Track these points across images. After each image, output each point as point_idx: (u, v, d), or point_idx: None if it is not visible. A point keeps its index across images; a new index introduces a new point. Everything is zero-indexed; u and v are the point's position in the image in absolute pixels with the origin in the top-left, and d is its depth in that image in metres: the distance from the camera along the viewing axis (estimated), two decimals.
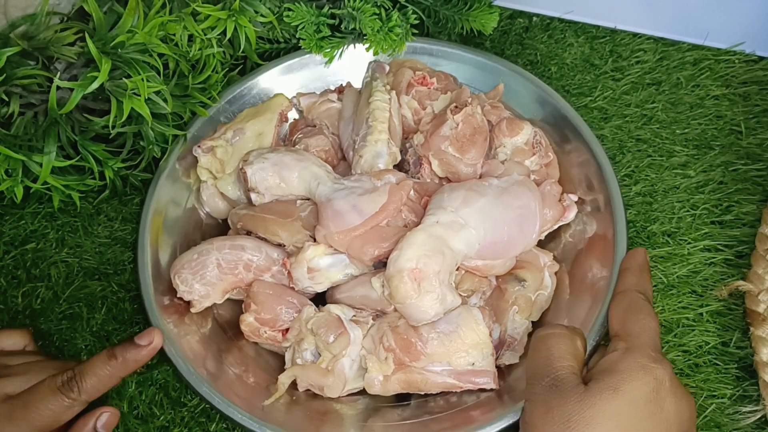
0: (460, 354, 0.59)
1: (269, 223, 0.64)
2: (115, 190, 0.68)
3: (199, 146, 0.69)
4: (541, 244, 0.66)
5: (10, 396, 0.55)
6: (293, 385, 0.61)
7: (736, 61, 0.78)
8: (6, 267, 0.68)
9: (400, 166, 0.70)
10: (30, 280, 0.68)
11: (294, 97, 0.75)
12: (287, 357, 0.63)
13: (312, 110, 0.74)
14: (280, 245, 0.65)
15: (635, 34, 0.81)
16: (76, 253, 0.69)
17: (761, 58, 0.78)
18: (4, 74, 0.57)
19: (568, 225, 0.67)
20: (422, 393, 0.60)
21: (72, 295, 0.67)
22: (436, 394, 0.60)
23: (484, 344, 0.59)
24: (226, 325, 0.66)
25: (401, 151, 0.69)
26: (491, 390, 0.59)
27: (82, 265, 0.68)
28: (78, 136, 0.62)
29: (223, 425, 0.61)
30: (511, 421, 0.56)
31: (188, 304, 0.64)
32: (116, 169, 0.66)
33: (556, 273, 0.65)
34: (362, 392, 0.61)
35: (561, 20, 0.83)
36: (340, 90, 0.76)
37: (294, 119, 0.76)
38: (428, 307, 0.58)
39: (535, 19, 0.84)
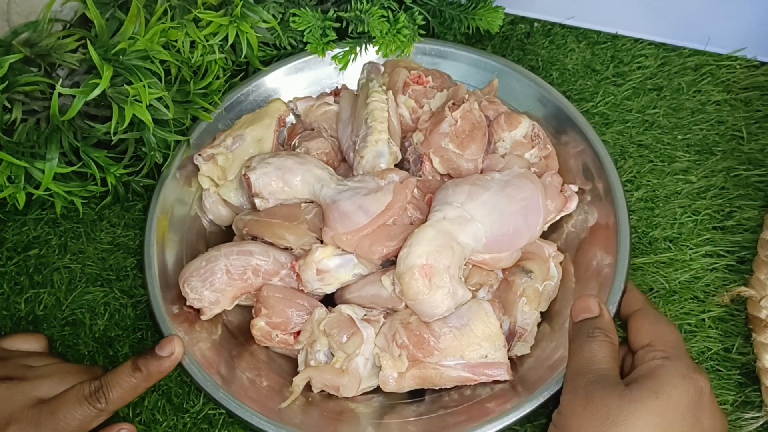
0: (472, 347, 0.59)
1: (275, 227, 0.65)
2: (117, 196, 0.68)
3: (199, 154, 0.69)
4: (545, 235, 0.67)
5: (41, 399, 0.56)
6: (307, 386, 0.61)
7: (738, 66, 0.78)
8: (9, 273, 0.69)
9: (400, 165, 0.70)
10: (33, 286, 0.68)
11: (291, 101, 0.76)
12: (300, 359, 0.63)
13: (309, 114, 0.74)
14: (287, 249, 0.65)
15: (636, 40, 0.81)
16: (78, 259, 0.69)
17: (762, 64, 0.78)
18: (7, 81, 0.57)
19: (569, 215, 0.68)
20: (437, 388, 0.61)
21: (74, 301, 0.67)
22: (450, 388, 0.61)
23: (495, 336, 0.59)
24: (237, 331, 0.66)
25: (400, 150, 0.69)
26: (505, 381, 0.60)
27: (85, 271, 0.69)
28: (80, 142, 0.62)
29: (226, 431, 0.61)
30: (526, 412, 0.56)
31: (198, 311, 0.64)
32: (118, 175, 0.66)
33: (561, 263, 0.65)
34: (376, 390, 0.61)
35: (562, 26, 0.83)
36: (336, 93, 0.76)
37: (291, 123, 0.76)
38: (440, 302, 0.58)
39: (536, 24, 0.84)
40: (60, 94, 0.58)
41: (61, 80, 0.61)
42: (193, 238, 0.70)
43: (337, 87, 0.77)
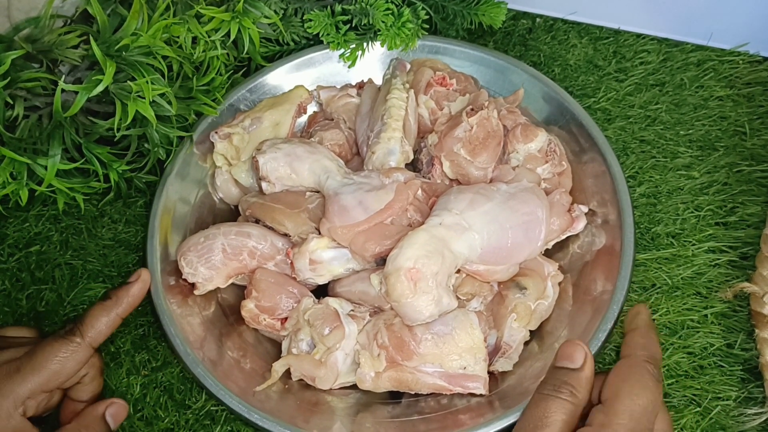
0: (452, 357, 0.59)
1: (276, 212, 0.65)
2: (119, 193, 0.68)
3: (216, 132, 0.70)
4: (548, 254, 0.66)
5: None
6: (287, 373, 0.61)
7: (740, 61, 0.78)
8: (10, 269, 0.68)
9: (413, 165, 0.70)
10: (34, 283, 0.68)
11: (314, 89, 0.76)
12: (284, 346, 0.63)
13: (331, 104, 0.75)
14: (285, 235, 0.66)
15: (639, 35, 0.81)
16: (80, 255, 0.69)
17: (765, 59, 0.78)
18: (9, 77, 0.57)
19: (576, 236, 0.67)
20: (413, 392, 0.61)
21: (76, 297, 0.67)
22: (427, 394, 0.61)
23: (477, 349, 0.59)
24: (229, 310, 0.67)
25: (416, 150, 0.70)
26: (481, 395, 0.59)
27: (86, 267, 0.68)
28: (83, 138, 0.62)
29: (228, 428, 0.60)
30: (499, 428, 0.56)
31: (192, 286, 0.65)
32: (121, 171, 0.66)
33: (559, 283, 0.64)
34: (354, 386, 0.61)
35: (564, 21, 0.83)
36: (360, 85, 0.76)
37: (314, 111, 0.77)
38: (423, 308, 0.58)
39: (538, 20, 0.84)
40: (63, 91, 0.58)
41: (63, 76, 0.61)
42: (203, 213, 0.71)
43: (363, 80, 0.77)
